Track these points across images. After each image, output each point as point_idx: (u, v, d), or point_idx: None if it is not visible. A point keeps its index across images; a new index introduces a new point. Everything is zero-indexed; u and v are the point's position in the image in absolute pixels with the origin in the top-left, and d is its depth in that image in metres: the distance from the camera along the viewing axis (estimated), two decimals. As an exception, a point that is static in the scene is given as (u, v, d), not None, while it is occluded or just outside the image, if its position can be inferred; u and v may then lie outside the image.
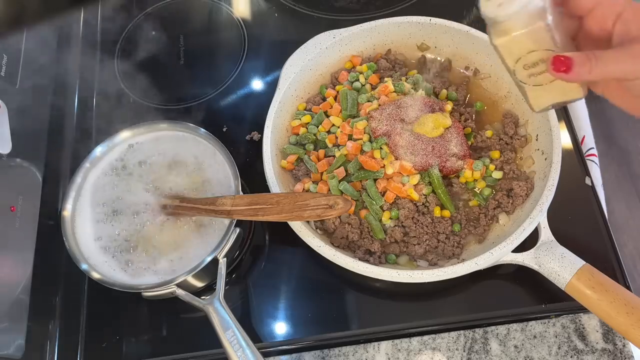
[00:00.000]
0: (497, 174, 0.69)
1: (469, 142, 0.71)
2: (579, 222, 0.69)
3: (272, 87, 0.76)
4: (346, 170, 0.69)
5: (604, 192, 0.79)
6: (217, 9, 0.94)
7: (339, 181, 0.68)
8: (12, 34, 0.74)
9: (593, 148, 0.82)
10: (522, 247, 0.62)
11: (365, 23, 0.77)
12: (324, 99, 0.76)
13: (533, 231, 0.62)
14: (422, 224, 0.67)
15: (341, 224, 0.67)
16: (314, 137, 0.73)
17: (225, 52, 0.89)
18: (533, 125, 0.70)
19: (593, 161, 0.80)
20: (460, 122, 0.72)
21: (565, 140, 0.74)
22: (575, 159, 0.73)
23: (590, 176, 0.72)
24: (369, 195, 0.67)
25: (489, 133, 0.72)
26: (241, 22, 0.91)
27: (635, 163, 1.69)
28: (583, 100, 0.85)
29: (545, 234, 0.63)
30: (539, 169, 0.68)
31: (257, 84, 0.86)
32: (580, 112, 0.84)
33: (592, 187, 0.72)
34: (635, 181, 1.68)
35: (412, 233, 0.66)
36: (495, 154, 0.70)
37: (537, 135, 0.70)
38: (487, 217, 0.67)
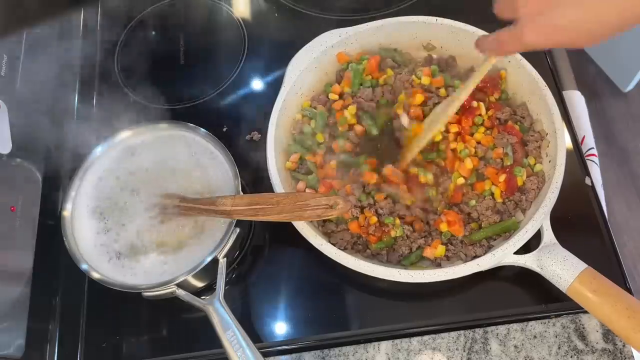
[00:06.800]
0: (538, 167, 0.68)
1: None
2: (579, 222, 0.69)
3: (272, 87, 0.76)
4: None
5: (604, 192, 0.78)
6: (217, 9, 0.94)
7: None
8: (12, 34, 0.74)
9: (593, 148, 0.82)
10: (524, 249, 0.62)
11: (371, 22, 0.76)
12: (328, 98, 0.76)
13: (535, 233, 0.62)
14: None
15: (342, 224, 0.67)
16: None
17: (225, 52, 0.89)
18: (538, 127, 0.70)
19: (593, 161, 0.80)
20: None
21: (566, 140, 0.74)
22: (575, 159, 0.73)
23: (590, 176, 0.72)
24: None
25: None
26: (241, 22, 0.91)
27: (635, 163, 1.69)
28: (583, 100, 0.85)
29: (548, 236, 0.62)
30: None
31: (257, 84, 0.86)
32: (580, 112, 0.84)
33: (592, 187, 0.71)
34: (635, 181, 1.68)
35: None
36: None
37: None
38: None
